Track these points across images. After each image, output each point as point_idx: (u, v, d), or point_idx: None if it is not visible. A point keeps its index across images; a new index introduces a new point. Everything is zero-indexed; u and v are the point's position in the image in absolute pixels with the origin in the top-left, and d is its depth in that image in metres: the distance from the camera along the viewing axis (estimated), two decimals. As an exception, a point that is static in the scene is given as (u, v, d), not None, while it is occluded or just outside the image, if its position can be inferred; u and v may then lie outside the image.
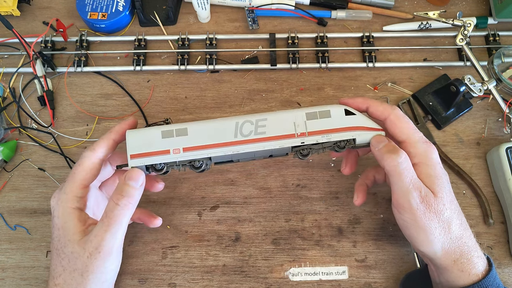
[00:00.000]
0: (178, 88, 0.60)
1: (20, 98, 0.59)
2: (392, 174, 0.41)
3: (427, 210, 0.40)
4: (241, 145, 0.43)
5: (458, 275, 0.41)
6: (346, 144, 0.44)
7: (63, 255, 0.40)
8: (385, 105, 0.45)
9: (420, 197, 0.40)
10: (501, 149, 0.52)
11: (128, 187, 0.40)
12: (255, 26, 0.64)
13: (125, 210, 0.40)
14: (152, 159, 0.42)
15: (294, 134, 0.43)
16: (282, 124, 0.44)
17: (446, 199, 0.41)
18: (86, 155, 0.42)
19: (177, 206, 0.53)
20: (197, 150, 0.43)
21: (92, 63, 0.61)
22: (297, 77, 0.61)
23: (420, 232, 0.41)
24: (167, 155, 0.42)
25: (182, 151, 0.42)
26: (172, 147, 0.42)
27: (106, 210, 0.40)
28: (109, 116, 0.58)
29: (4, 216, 0.53)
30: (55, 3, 0.66)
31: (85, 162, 0.42)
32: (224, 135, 0.43)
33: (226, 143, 0.43)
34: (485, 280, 0.40)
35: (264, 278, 0.50)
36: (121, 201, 0.39)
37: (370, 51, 0.61)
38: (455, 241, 0.41)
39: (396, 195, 0.42)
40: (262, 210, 0.53)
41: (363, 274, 0.50)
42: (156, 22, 0.63)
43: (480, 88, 0.54)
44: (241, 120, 0.44)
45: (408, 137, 0.43)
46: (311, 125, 0.44)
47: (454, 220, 0.41)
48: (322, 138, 0.44)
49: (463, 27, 0.58)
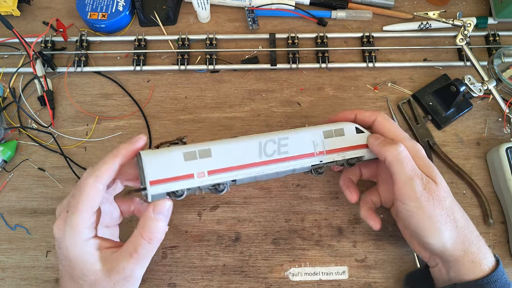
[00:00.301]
0: (178, 88, 0.60)
1: (20, 98, 0.59)
2: (393, 163, 0.42)
3: (430, 196, 0.41)
4: (266, 165, 0.43)
5: (470, 267, 0.41)
6: (356, 160, 0.46)
7: (83, 281, 0.38)
8: (371, 110, 0.47)
9: (422, 184, 0.41)
10: (501, 149, 0.52)
11: (158, 222, 0.39)
12: (255, 26, 0.64)
13: (154, 246, 0.39)
14: (175, 184, 0.38)
15: (314, 153, 0.45)
16: (303, 143, 0.44)
17: (445, 187, 0.43)
18: (89, 182, 0.38)
19: (177, 206, 0.53)
20: (222, 172, 0.41)
21: (92, 63, 0.61)
22: (297, 77, 0.61)
23: (426, 220, 0.41)
24: (191, 179, 0.39)
25: (207, 175, 0.40)
26: (197, 171, 0.39)
27: (136, 246, 0.38)
28: (109, 116, 0.58)
29: (4, 216, 0.53)
30: (55, 3, 0.66)
31: (88, 191, 0.38)
32: (249, 155, 0.42)
33: (252, 164, 0.42)
34: (496, 272, 0.41)
35: (264, 278, 0.50)
36: (152, 240, 0.39)
37: (370, 51, 0.61)
38: (461, 230, 0.41)
39: (399, 184, 0.42)
40: (262, 210, 0.53)
41: (363, 274, 0.50)
42: (156, 22, 0.63)
43: (480, 88, 0.54)
44: (264, 140, 0.43)
45: (395, 135, 0.45)
46: (328, 144, 0.45)
47: (456, 210, 0.42)
48: (337, 156, 0.45)
49: (463, 27, 0.58)
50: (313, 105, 0.59)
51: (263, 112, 0.59)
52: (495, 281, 0.40)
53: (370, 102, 0.59)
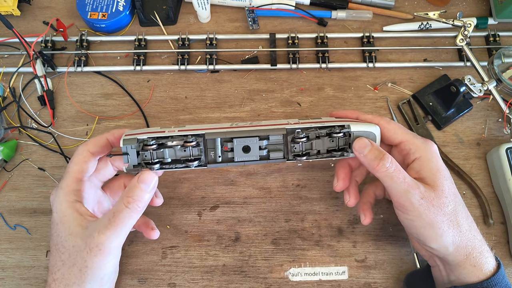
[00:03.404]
0: (178, 88, 0.60)
1: (20, 98, 0.59)
2: (384, 180, 0.41)
3: (430, 204, 0.40)
4: (236, 129, 0.43)
5: (471, 271, 0.41)
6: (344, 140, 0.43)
7: (63, 249, 0.40)
8: (373, 114, 0.46)
9: (419, 194, 0.40)
10: (501, 150, 0.52)
11: (140, 190, 0.40)
12: (255, 26, 0.64)
13: (133, 213, 0.39)
14: (145, 135, 0.41)
15: (288, 123, 0.43)
16: (276, 122, 0.45)
17: (449, 192, 0.41)
18: (78, 149, 0.44)
19: (177, 206, 0.53)
20: (191, 131, 0.42)
21: (92, 63, 0.61)
22: (297, 77, 0.61)
23: (427, 228, 0.41)
24: (161, 133, 0.41)
25: (177, 132, 0.42)
26: (168, 130, 0.42)
27: (114, 210, 0.39)
28: (109, 116, 0.58)
29: (4, 215, 0.53)
30: (55, 3, 0.66)
31: (76, 156, 0.43)
32: (220, 126, 0.44)
33: (221, 127, 0.43)
34: (496, 275, 0.40)
35: (264, 278, 0.50)
36: (131, 204, 0.39)
37: (370, 51, 0.61)
38: (465, 234, 0.41)
39: (396, 197, 0.42)
40: (262, 210, 0.53)
41: (363, 274, 0.50)
42: (156, 22, 0.63)
43: (480, 89, 0.54)
44: (237, 122, 0.45)
45: (403, 136, 0.44)
46: (304, 121, 0.44)
47: (460, 213, 0.41)
48: (316, 124, 0.43)
49: (463, 28, 0.58)
50: (313, 105, 0.59)
51: (263, 112, 0.59)
52: (495, 284, 0.40)
53: (370, 103, 0.59)
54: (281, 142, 0.43)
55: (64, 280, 0.40)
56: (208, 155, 0.43)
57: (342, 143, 0.43)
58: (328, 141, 0.43)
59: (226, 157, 0.43)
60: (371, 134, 0.43)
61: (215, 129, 0.42)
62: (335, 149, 0.44)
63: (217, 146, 0.42)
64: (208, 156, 0.43)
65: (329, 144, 0.44)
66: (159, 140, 0.41)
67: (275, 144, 0.43)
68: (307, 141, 0.43)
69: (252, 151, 0.43)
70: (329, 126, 0.43)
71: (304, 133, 0.42)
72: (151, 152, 0.41)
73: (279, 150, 0.43)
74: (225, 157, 0.43)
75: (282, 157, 0.44)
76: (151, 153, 0.41)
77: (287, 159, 0.44)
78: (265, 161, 0.44)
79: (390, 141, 0.45)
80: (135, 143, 0.40)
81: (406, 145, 0.43)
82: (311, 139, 0.43)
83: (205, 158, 0.42)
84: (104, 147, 0.44)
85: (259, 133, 0.42)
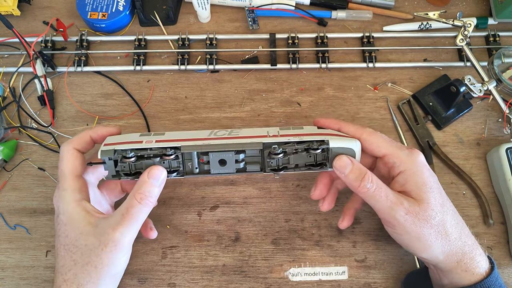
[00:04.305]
0: (178, 88, 0.60)
1: (20, 98, 0.59)
2: (367, 199, 0.42)
3: (415, 219, 0.40)
4: (213, 141, 0.43)
5: (462, 276, 0.41)
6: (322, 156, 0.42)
7: (75, 249, 0.40)
8: (357, 125, 0.45)
9: (404, 209, 0.40)
10: (501, 150, 0.52)
11: (150, 185, 0.41)
12: (255, 26, 0.64)
13: (145, 208, 0.40)
14: (123, 146, 0.41)
15: (266, 135, 0.43)
16: (255, 132, 0.44)
17: (435, 203, 0.41)
18: (63, 148, 0.43)
19: (176, 206, 0.53)
20: (169, 142, 0.42)
21: (92, 63, 0.61)
22: (297, 77, 0.61)
23: (415, 241, 0.41)
24: (139, 144, 0.42)
25: (155, 142, 0.42)
26: (146, 140, 0.43)
27: (127, 206, 0.40)
28: (109, 116, 0.58)
29: (4, 215, 0.53)
30: (55, 3, 0.66)
31: (64, 155, 0.43)
32: (198, 136, 0.44)
33: (199, 139, 0.43)
34: (489, 278, 0.40)
35: (264, 278, 0.50)
36: (143, 200, 0.40)
37: (370, 51, 0.61)
38: (454, 242, 0.41)
39: (381, 214, 0.42)
40: (262, 210, 0.53)
41: (363, 274, 0.50)
42: (156, 22, 0.63)
43: (480, 89, 0.54)
44: (217, 130, 0.45)
45: (387, 150, 0.43)
46: (284, 132, 0.44)
47: (448, 222, 0.41)
48: (294, 138, 0.42)
49: (463, 28, 0.58)
50: (313, 105, 0.59)
51: (263, 112, 0.59)
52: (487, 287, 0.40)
53: (370, 102, 0.59)
54: (258, 155, 0.43)
55: (77, 280, 0.39)
56: (186, 165, 0.43)
57: (321, 158, 0.43)
58: (306, 156, 0.43)
59: (203, 169, 0.43)
60: (350, 150, 0.42)
61: (192, 141, 0.43)
62: (313, 164, 0.43)
63: (193, 158, 0.43)
64: (186, 166, 0.43)
65: (307, 159, 0.43)
66: (137, 152, 0.42)
67: (252, 157, 0.44)
68: (284, 156, 0.42)
69: (229, 164, 0.43)
70: (307, 141, 0.42)
71: (281, 149, 0.42)
72: (129, 164, 0.42)
73: (256, 163, 0.44)
74: (202, 169, 0.43)
75: (259, 169, 0.44)
76: (130, 165, 0.42)
77: (264, 171, 0.44)
78: (242, 173, 0.44)
79: (374, 154, 0.44)
80: (112, 154, 0.41)
81: (390, 158, 0.43)
82: (289, 154, 0.43)
83: (183, 169, 0.43)
84: (89, 143, 0.45)
85: (235, 147, 0.42)
